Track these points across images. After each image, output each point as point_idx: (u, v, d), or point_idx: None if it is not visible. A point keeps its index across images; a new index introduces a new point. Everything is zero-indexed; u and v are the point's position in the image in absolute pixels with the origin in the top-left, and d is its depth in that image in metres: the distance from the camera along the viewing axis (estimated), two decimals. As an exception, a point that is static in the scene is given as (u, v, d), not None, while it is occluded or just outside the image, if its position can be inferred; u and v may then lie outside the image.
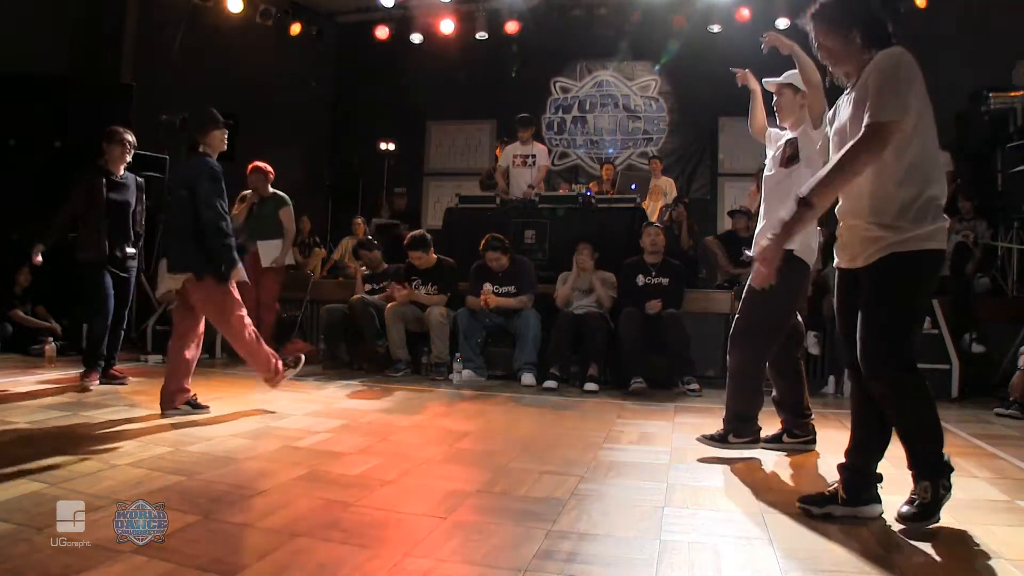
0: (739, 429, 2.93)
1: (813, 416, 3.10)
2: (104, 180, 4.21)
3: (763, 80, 3.06)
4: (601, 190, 7.08)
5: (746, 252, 3.03)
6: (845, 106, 2.06)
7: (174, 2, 7.94)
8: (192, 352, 3.49)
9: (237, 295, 3.52)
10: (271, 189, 5.53)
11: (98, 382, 4.12)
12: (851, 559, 1.75)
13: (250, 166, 5.53)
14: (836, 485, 2.11)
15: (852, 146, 1.88)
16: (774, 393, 3.11)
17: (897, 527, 1.98)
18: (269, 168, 5.52)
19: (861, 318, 1.99)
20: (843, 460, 2.12)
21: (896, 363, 1.94)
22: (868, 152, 1.86)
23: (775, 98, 2.99)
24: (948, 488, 1.97)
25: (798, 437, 3.04)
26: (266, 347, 3.67)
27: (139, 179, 4.46)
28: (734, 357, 2.96)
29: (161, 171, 6.27)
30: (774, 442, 3.05)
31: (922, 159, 1.93)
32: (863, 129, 1.87)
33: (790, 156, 2.91)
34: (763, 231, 2.98)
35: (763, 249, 2.01)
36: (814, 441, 3.05)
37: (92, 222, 4.17)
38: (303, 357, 3.95)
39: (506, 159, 6.90)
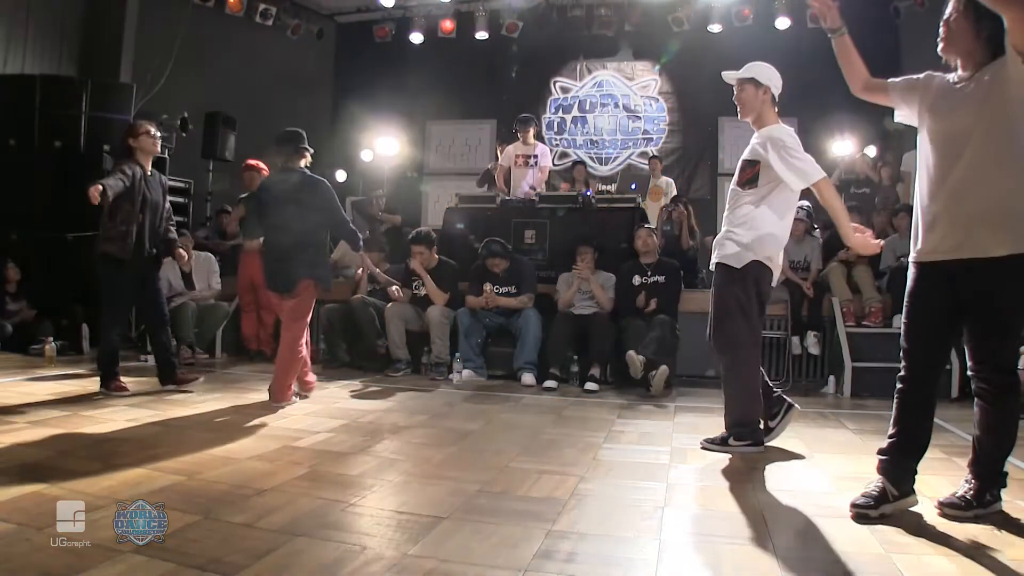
0: (739, 433, 2.95)
1: (777, 391, 3.13)
2: (142, 174, 3.92)
3: (722, 73, 2.98)
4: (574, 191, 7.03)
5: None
6: (958, 99, 2.05)
7: (174, 2, 7.95)
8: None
9: None
10: None
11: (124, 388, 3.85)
12: (851, 558, 1.75)
13: (244, 165, 5.50)
14: (879, 485, 2.11)
15: None
16: None
17: (899, 526, 1.98)
18: (263, 165, 5.44)
19: (997, 317, 2.01)
20: (889, 458, 2.13)
21: (1015, 365, 2.06)
22: None
23: (736, 92, 2.94)
24: (996, 497, 2.07)
25: (777, 414, 3.08)
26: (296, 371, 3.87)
27: (163, 177, 4.24)
28: (722, 366, 3.02)
29: (161, 171, 6.27)
30: (765, 434, 3.09)
31: None
32: None
33: (749, 179, 2.90)
34: (719, 238, 3.02)
35: None
36: (792, 405, 3.08)
37: (124, 216, 3.80)
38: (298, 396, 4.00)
39: (507, 159, 6.88)
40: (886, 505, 2.08)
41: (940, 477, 2.50)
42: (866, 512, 2.07)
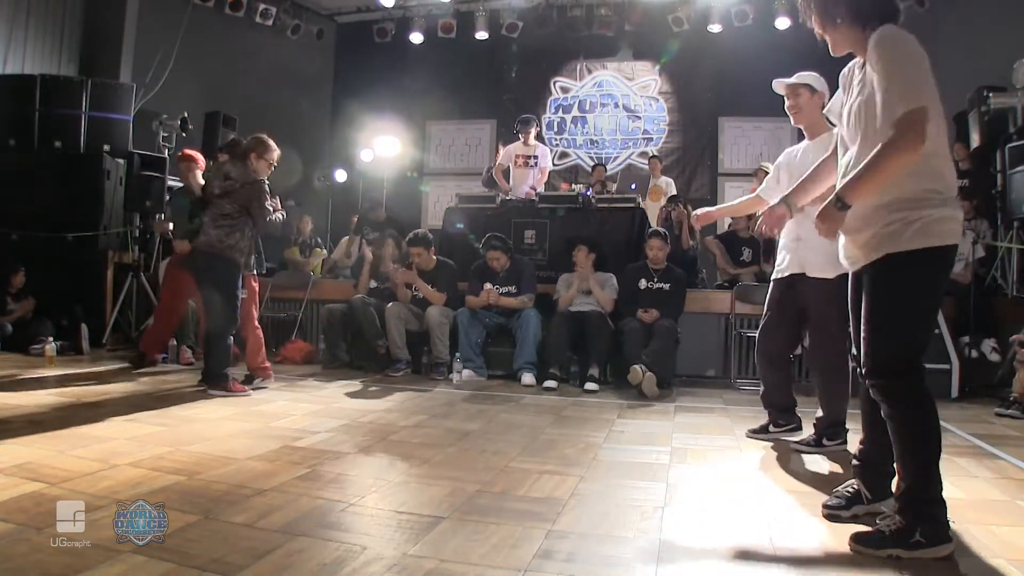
0: (834, 432, 2.97)
1: (796, 405, 3.24)
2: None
3: (774, 82, 2.98)
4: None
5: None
6: (856, 85, 1.94)
7: (174, 2, 7.95)
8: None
9: None
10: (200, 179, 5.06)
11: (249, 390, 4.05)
12: (852, 559, 1.75)
13: (183, 155, 5.15)
14: (855, 487, 2.09)
15: (884, 144, 1.73)
16: (764, 386, 3.21)
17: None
18: (196, 155, 5.16)
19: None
20: (861, 463, 2.10)
21: (895, 367, 1.87)
22: (902, 148, 1.72)
23: (788, 101, 2.95)
24: (928, 542, 1.73)
25: (782, 426, 3.17)
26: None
27: None
28: (821, 368, 3.02)
29: (161, 171, 6.27)
30: (760, 432, 3.18)
31: (939, 147, 1.80)
32: (893, 124, 1.72)
33: None
34: (806, 254, 2.94)
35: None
36: (799, 427, 3.19)
37: (251, 230, 4.09)
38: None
39: (507, 159, 6.87)
40: (859, 507, 2.05)
41: (940, 477, 2.50)
42: (837, 513, 2.04)
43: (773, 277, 3.13)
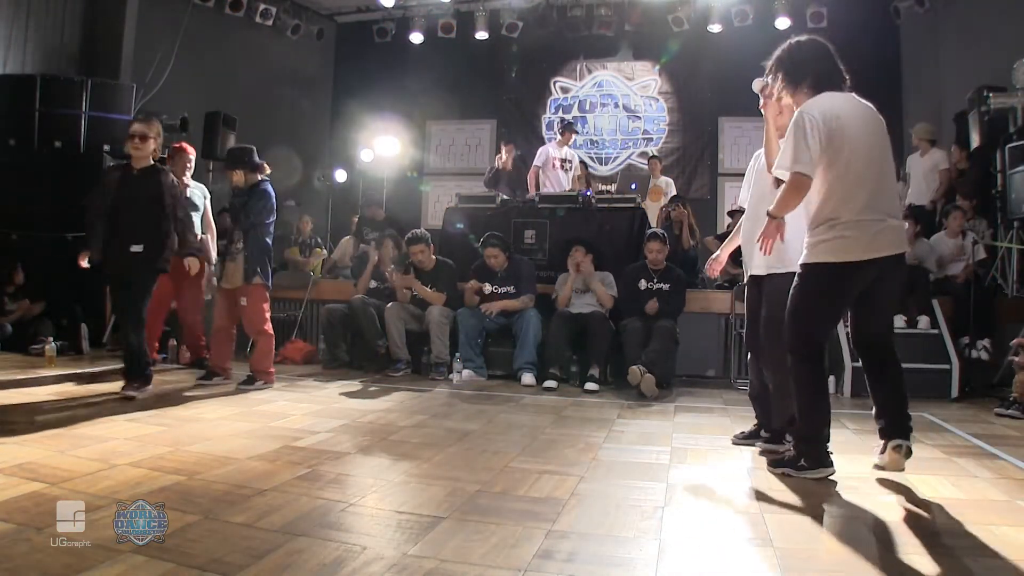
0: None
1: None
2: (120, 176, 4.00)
3: (755, 81, 3.02)
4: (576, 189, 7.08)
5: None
6: None
7: (174, 2, 7.95)
8: None
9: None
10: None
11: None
12: (851, 559, 1.75)
13: (177, 146, 5.09)
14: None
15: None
16: (756, 388, 3.14)
17: (900, 527, 1.98)
18: (190, 149, 5.07)
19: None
20: (877, 411, 2.55)
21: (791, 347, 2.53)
22: (791, 198, 2.44)
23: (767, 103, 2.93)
24: (811, 466, 2.44)
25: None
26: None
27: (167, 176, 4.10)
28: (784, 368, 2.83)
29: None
30: (750, 438, 3.09)
31: (835, 189, 2.40)
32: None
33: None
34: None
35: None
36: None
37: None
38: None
39: (542, 158, 6.90)
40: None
41: (940, 477, 2.50)
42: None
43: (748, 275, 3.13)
